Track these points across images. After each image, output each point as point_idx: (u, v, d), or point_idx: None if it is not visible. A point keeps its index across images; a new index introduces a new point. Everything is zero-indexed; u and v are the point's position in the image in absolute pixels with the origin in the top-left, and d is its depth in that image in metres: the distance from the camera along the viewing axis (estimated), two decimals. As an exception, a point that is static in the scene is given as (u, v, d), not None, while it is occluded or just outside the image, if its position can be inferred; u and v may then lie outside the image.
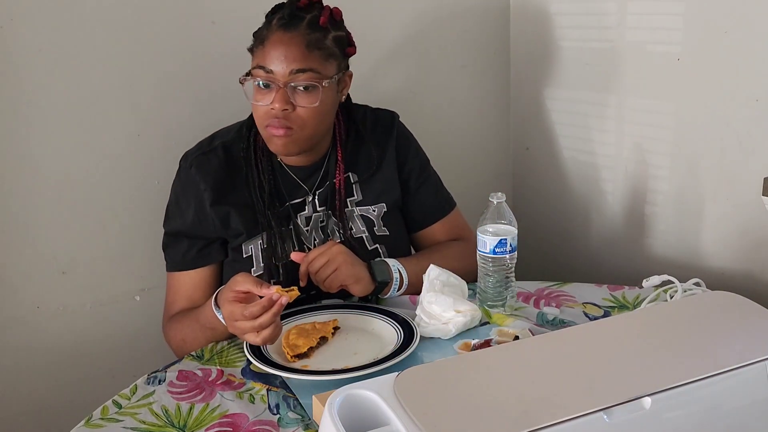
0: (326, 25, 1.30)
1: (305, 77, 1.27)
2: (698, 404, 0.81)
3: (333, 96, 1.34)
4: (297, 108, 1.28)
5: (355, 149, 1.44)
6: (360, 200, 1.43)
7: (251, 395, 1.11)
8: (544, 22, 1.86)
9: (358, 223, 1.42)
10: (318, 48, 1.29)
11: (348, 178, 1.43)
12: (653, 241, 1.73)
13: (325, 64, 1.30)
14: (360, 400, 0.80)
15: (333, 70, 1.32)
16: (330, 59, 1.31)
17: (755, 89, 1.44)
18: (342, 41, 1.34)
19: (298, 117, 1.29)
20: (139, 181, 1.55)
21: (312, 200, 1.41)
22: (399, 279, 1.35)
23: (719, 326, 0.93)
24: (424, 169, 1.52)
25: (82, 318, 1.55)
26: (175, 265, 1.39)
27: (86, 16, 1.44)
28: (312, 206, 1.41)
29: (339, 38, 1.33)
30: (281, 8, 1.32)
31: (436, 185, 1.54)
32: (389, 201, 1.45)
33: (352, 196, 1.43)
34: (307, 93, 1.28)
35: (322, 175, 1.42)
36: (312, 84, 1.28)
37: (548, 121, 1.92)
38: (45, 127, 1.45)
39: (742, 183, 1.50)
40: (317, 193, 1.41)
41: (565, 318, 1.28)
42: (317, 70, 1.28)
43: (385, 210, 1.44)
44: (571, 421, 0.74)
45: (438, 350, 1.20)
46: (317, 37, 1.29)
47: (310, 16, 1.30)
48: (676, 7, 1.54)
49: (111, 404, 1.10)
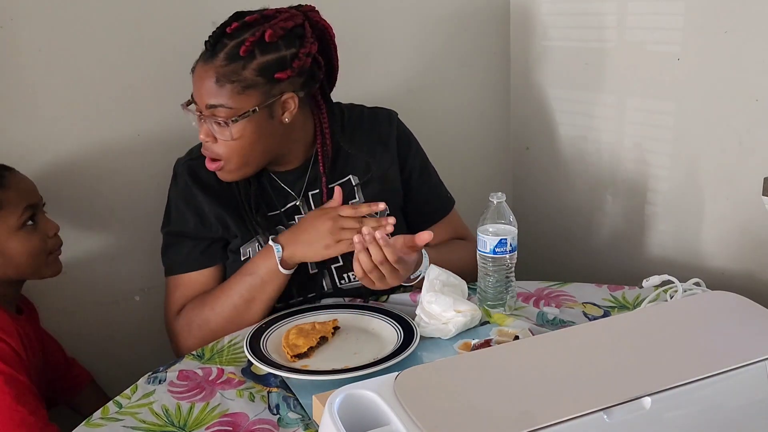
0: (247, 54, 1.23)
1: (216, 113, 1.25)
2: (698, 404, 0.81)
3: (259, 126, 1.28)
4: (218, 140, 1.27)
5: (353, 151, 1.42)
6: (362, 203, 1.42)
7: (251, 394, 1.11)
8: (545, 22, 1.86)
9: None
10: (231, 81, 1.24)
11: (350, 180, 1.42)
12: (653, 241, 1.73)
13: (239, 98, 1.25)
14: (360, 400, 0.80)
15: (252, 102, 1.25)
16: (248, 91, 1.25)
17: (755, 89, 1.44)
18: (269, 67, 1.25)
19: (219, 149, 1.28)
20: (138, 181, 1.55)
21: (306, 204, 1.40)
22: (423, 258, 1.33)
23: (719, 326, 0.93)
24: (425, 168, 1.51)
25: (82, 318, 1.55)
26: (179, 266, 1.37)
27: (86, 16, 1.44)
28: (309, 211, 1.40)
29: (264, 65, 1.25)
30: (214, 32, 1.27)
31: (437, 184, 1.54)
32: (391, 203, 1.43)
33: (353, 199, 1.42)
34: (221, 128, 1.26)
35: (308, 181, 1.40)
36: (224, 120, 1.25)
37: (548, 121, 1.92)
38: (45, 127, 1.45)
39: (742, 183, 1.50)
40: (310, 195, 1.41)
41: (565, 318, 1.28)
42: (228, 106, 1.24)
43: (388, 213, 1.42)
44: (571, 421, 0.73)
45: (438, 350, 1.20)
46: (232, 70, 1.24)
47: (233, 44, 1.24)
48: (676, 7, 1.54)
49: (111, 404, 1.10)
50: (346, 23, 1.37)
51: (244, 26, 1.25)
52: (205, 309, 1.33)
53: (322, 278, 1.39)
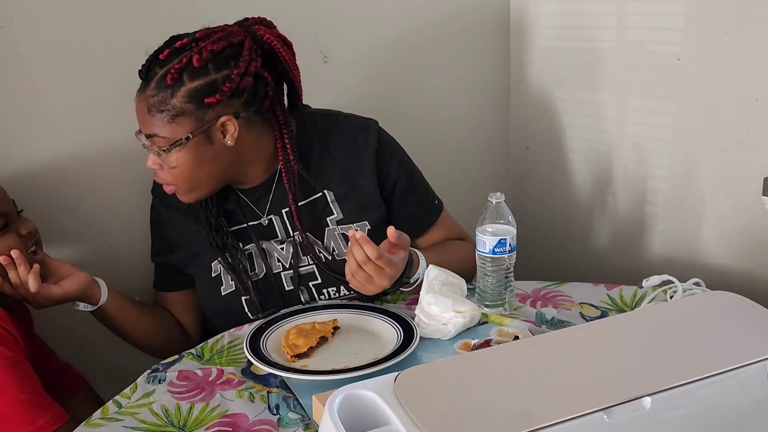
0: (174, 82, 1.21)
1: (152, 142, 1.25)
2: (698, 404, 0.81)
3: (197, 152, 1.25)
4: (162, 167, 1.27)
5: (327, 165, 1.39)
6: (340, 218, 1.39)
7: (251, 394, 1.11)
8: (544, 22, 1.86)
9: (341, 243, 1.38)
10: (160, 111, 1.22)
11: (324, 195, 1.39)
12: (653, 241, 1.73)
13: (170, 127, 1.23)
14: (360, 400, 0.80)
15: (184, 129, 1.23)
16: (178, 119, 1.22)
17: (755, 89, 1.44)
18: (198, 93, 1.21)
19: (166, 175, 1.28)
20: (138, 181, 1.55)
21: (278, 223, 1.39)
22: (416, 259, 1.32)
23: (719, 326, 0.93)
24: (410, 179, 1.44)
25: (82, 318, 1.55)
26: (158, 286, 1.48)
27: (86, 16, 1.44)
28: (282, 228, 1.39)
29: (192, 91, 1.21)
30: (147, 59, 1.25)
31: (423, 193, 1.48)
32: (372, 219, 1.40)
33: (331, 215, 1.39)
34: (161, 157, 1.25)
35: (274, 198, 1.38)
36: (158, 150, 1.25)
37: (548, 121, 1.92)
38: (45, 127, 1.45)
39: (742, 183, 1.50)
40: (283, 212, 1.39)
41: (563, 318, 1.28)
42: (161, 135, 1.23)
43: (369, 228, 1.39)
44: (571, 421, 0.73)
45: (438, 350, 1.20)
46: (161, 99, 1.22)
47: (162, 72, 1.22)
48: (676, 7, 1.54)
49: (111, 404, 1.10)
50: (346, 23, 1.37)
51: (173, 52, 1.23)
52: None
53: (300, 294, 1.38)
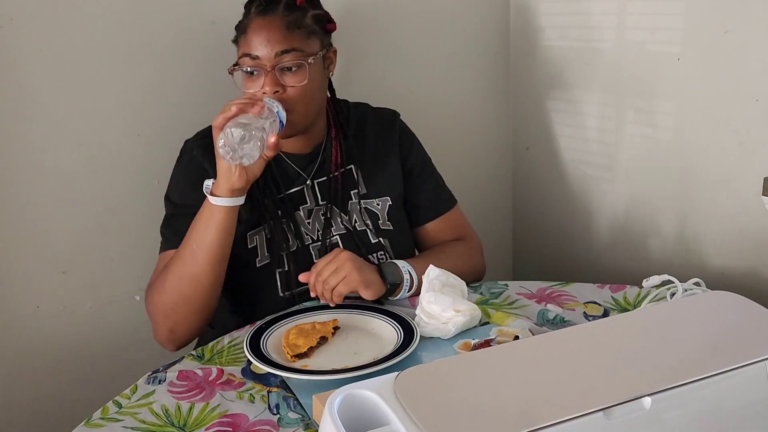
0: (303, 5, 1.34)
1: (290, 57, 1.30)
2: (698, 404, 0.81)
3: (320, 73, 1.36)
4: (287, 89, 1.31)
5: (357, 143, 1.46)
6: (364, 193, 1.45)
7: (251, 395, 1.11)
8: (544, 22, 1.86)
9: (363, 216, 1.43)
10: (299, 27, 1.32)
11: (351, 170, 1.44)
12: (653, 241, 1.73)
13: (308, 42, 1.33)
14: (360, 400, 0.80)
15: (316, 47, 1.35)
16: (312, 37, 1.34)
17: (755, 89, 1.44)
18: (321, 19, 1.38)
19: (289, 98, 1.31)
20: (138, 181, 1.55)
21: (311, 190, 1.42)
22: (410, 280, 1.34)
23: (719, 326, 0.93)
24: (426, 166, 1.54)
25: (82, 318, 1.55)
26: (172, 241, 1.34)
27: (86, 16, 1.44)
28: (313, 198, 1.42)
29: (318, 16, 1.37)
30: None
31: (437, 183, 1.55)
32: (393, 195, 1.47)
33: (355, 189, 1.44)
34: (294, 73, 1.31)
35: (319, 164, 1.43)
36: (298, 63, 1.30)
37: (548, 121, 1.92)
38: (45, 127, 1.45)
39: (742, 183, 1.50)
40: (316, 182, 1.42)
41: (566, 317, 1.28)
42: (301, 49, 1.31)
43: (390, 204, 1.46)
44: (571, 421, 0.73)
45: (438, 350, 1.20)
46: (296, 17, 1.32)
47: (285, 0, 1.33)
48: (676, 7, 1.54)
49: (111, 404, 1.10)
50: (347, 23, 1.37)
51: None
52: (164, 271, 1.31)
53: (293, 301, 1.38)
